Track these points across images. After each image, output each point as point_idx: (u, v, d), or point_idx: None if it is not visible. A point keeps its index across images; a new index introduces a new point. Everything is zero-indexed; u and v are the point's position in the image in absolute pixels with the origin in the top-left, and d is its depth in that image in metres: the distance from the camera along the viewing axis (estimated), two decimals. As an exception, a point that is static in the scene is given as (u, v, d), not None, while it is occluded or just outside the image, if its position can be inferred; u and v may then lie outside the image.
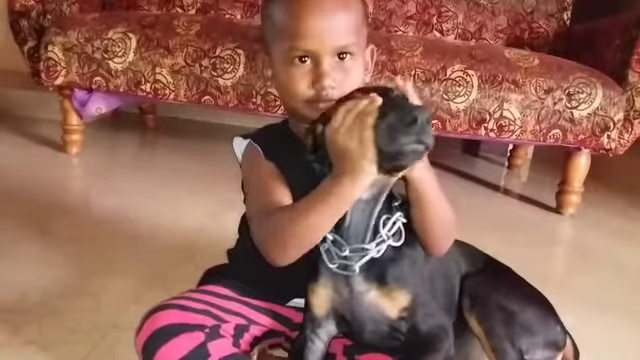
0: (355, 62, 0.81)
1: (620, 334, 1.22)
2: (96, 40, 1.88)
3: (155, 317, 0.76)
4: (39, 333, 1.00)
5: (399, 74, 1.78)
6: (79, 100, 2.03)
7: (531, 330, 0.86)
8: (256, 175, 0.84)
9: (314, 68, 0.79)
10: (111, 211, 1.58)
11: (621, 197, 2.25)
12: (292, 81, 0.80)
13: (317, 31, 0.77)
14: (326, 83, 0.78)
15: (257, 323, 0.85)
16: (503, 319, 0.84)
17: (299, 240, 0.72)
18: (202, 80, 1.85)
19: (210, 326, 0.78)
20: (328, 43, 0.77)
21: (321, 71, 0.78)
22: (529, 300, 0.89)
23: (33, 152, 2.10)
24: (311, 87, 0.79)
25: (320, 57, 0.78)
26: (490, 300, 0.85)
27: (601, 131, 1.81)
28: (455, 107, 1.80)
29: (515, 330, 0.84)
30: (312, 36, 0.77)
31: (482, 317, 0.84)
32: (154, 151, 2.38)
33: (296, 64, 0.79)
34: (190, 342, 0.75)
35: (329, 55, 0.78)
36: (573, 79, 1.79)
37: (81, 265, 1.28)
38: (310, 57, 0.78)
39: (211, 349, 0.76)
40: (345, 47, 0.78)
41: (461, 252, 0.93)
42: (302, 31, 0.77)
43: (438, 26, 2.30)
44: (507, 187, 2.35)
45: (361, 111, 0.67)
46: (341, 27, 0.78)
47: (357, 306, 0.77)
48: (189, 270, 0.98)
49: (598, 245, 1.74)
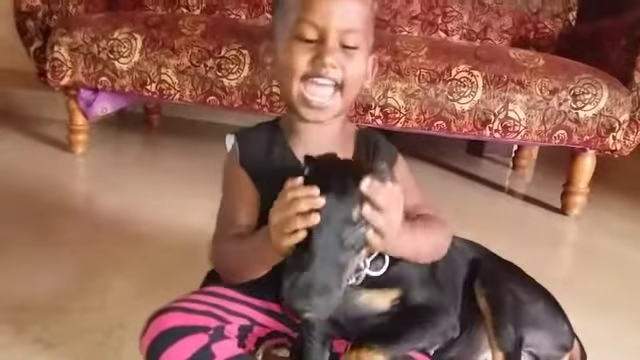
0: (359, 55, 0.81)
1: (625, 335, 1.22)
2: (102, 40, 1.89)
3: (159, 320, 0.76)
4: (45, 332, 1.01)
5: (404, 74, 1.78)
6: (85, 100, 2.04)
7: (538, 324, 0.86)
8: (227, 185, 0.87)
9: (318, 46, 0.79)
10: (116, 211, 1.59)
11: (626, 198, 2.24)
12: (293, 55, 0.79)
13: (329, 6, 0.78)
14: (328, 60, 0.78)
15: (260, 324, 0.85)
16: (512, 304, 0.84)
17: (235, 275, 0.81)
18: (207, 80, 1.85)
19: (214, 327, 0.78)
20: (337, 21, 0.78)
21: (325, 48, 0.78)
22: (540, 295, 0.89)
23: (39, 152, 2.10)
24: (311, 63, 0.79)
25: (326, 34, 0.78)
26: (503, 283, 0.85)
27: (606, 132, 1.81)
28: (460, 107, 1.79)
29: (521, 318, 0.83)
30: (322, 11, 0.77)
31: (492, 295, 0.84)
32: (159, 151, 2.39)
33: (300, 41, 0.79)
34: (194, 344, 0.75)
35: (335, 34, 0.78)
36: (578, 80, 1.79)
37: (86, 264, 1.28)
38: (317, 34, 0.78)
39: (215, 350, 0.76)
40: (352, 30, 0.79)
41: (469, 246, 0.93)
42: (314, 4, 0.77)
43: (443, 26, 2.29)
44: (512, 188, 2.34)
45: (296, 199, 0.66)
46: (352, 10, 0.79)
47: (349, 308, 0.76)
48: (194, 269, 0.98)
49: (603, 246, 1.73)
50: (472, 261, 0.90)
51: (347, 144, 0.89)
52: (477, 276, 0.87)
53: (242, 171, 0.85)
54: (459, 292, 0.87)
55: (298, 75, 0.80)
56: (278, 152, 0.86)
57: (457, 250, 0.89)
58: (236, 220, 0.83)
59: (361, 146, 0.89)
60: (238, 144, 0.87)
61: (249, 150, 0.86)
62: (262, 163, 0.84)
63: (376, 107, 1.80)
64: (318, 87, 0.80)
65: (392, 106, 1.80)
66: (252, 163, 0.85)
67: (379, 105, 1.80)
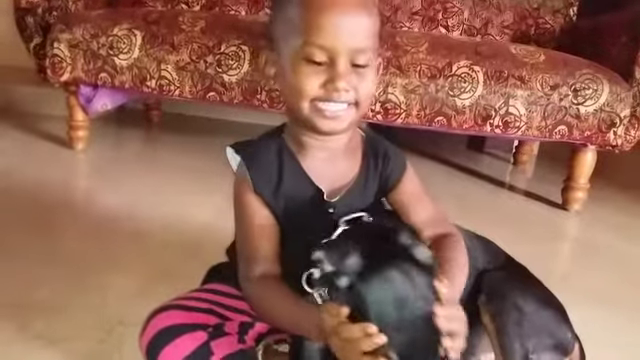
0: (370, 72, 0.78)
1: (626, 330, 1.22)
2: (101, 37, 1.89)
3: (158, 318, 0.77)
4: (46, 328, 1.01)
5: (404, 70, 1.78)
6: (85, 96, 2.04)
7: (541, 332, 0.86)
8: (243, 212, 0.82)
9: (328, 69, 0.74)
10: (116, 207, 1.59)
11: (627, 194, 2.24)
12: (302, 78, 0.75)
13: (337, 28, 0.73)
14: (340, 85, 0.74)
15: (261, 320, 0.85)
16: (516, 319, 0.84)
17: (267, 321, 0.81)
18: (207, 76, 1.85)
19: (213, 325, 0.78)
20: (346, 42, 0.74)
21: (336, 71, 0.74)
22: (544, 303, 0.89)
23: (39, 148, 2.10)
24: (322, 87, 0.75)
25: (337, 56, 0.74)
26: (506, 298, 0.85)
27: (607, 127, 1.80)
28: (461, 103, 1.79)
29: (526, 331, 0.84)
30: (331, 32, 0.73)
31: (496, 314, 0.84)
32: (159, 147, 2.38)
33: (309, 63, 0.75)
34: (193, 342, 0.75)
35: (346, 56, 0.74)
36: (579, 75, 1.78)
37: (87, 261, 1.28)
38: (326, 56, 0.74)
39: (214, 348, 0.76)
40: (362, 50, 0.75)
41: (481, 249, 0.92)
42: (321, 25, 0.73)
43: (444, 22, 2.29)
44: (512, 183, 2.34)
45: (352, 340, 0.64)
46: (361, 29, 0.75)
47: None
48: (195, 266, 0.98)
49: (604, 241, 1.73)
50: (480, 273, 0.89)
51: (355, 154, 0.86)
52: (482, 290, 0.86)
53: (258, 200, 0.81)
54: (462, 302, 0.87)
55: (308, 98, 0.76)
56: (290, 173, 0.82)
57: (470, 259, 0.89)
58: (261, 256, 0.80)
59: (369, 156, 0.86)
60: (248, 170, 0.82)
61: (261, 176, 0.82)
62: (276, 188, 0.81)
63: (376, 103, 1.80)
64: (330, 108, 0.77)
65: (392, 102, 1.80)
66: (267, 190, 0.81)
67: (379, 101, 1.80)
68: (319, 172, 0.83)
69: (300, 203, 0.80)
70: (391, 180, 0.86)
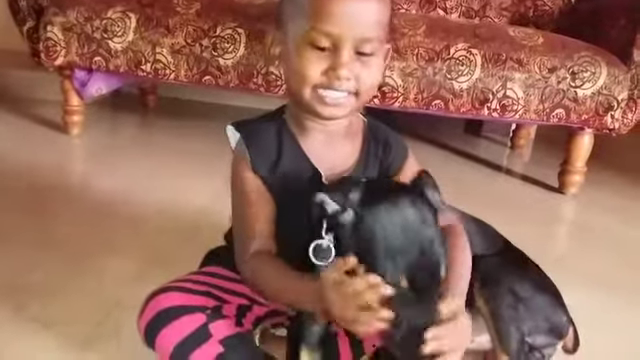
0: (375, 60, 0.77)
1: (621, 313, 1.23)
2: (95, 20, 1.86)
3: (157, 299, 0.77)
4: (42, 311, 1.01)
5: (401, 53, 1.76)
6: (79, 80, 2.02)
7: (537, 316, 0.86)
8: (240, 189, 0.82)
9: (332, 55, 0.74)
10: (113, 191, 1.58)
11: (624, 177, 2.25)
12: (306, 63, 0.75)
13: (344, 15, 0.73)
14: (342, 73, 0.74)
15: (259, 303, 0.85)
16: (511, 303, 0.84)
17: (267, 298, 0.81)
18: (202, 60, 1.83)
19: (212, 307, 0.78)
20: (353, 30, 0.73)
21: (339, 59, 0.74)
22: (539, 288, 0.89)
23: (33, 133, 2.09)
24: (324, 74, 0.75)
25: (341, 43, 0.74)
26: (501, 283, 0.85)
27: (605, 111, 1.80)
28: (458, 86, 1.78)
29: (521, 314, 0.84)
30: (338, 19, 0.73)
31: (490, 298, 0.84)
32: (155, 131, 2.37)
33: (313, 48, 0.74)
34: (192, 323, 0.75)
35: (350, 44, 0.74)
36: (577, 57, 1.77)
37: (83, 244, 1.28)
38: (330, 43, 0.74)
39: (213, 329, 0.76)
40: (368, 40, 0.75)
41: (479, 233, 0.92)
42: (328, 12, 0.73)
43: (441, 4, 2.26)
44: (510, 167, 2.34)
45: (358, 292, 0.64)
46: (369, 17, 0.75)
47: None
48: (192, 250, 0.98)
49: (600, 225, 1.74)
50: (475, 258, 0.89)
51: (356, 139, 0.86)
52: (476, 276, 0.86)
53: (256, 179, 0.81)
54: None
55: (310, 84, 0.76)
56: (289, 153, 0.82)
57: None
58: (257, 233, 0.80)
59: (370, 143, 0.86)
60: (247, 148, 0.82)
61: (260, 154, 0.82)
62: (274, 167, 0.81)
63: (373, 86, 1.78)
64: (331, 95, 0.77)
65: (390, 85, 1.79)
66: (264, 169, 0.81)
67: (377, 84, 1.78)
68: (319, 154, 0.82)
69: (298, 184, 0.80)
70: (392, 168, 0.86)
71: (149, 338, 0.76)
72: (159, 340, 0.74)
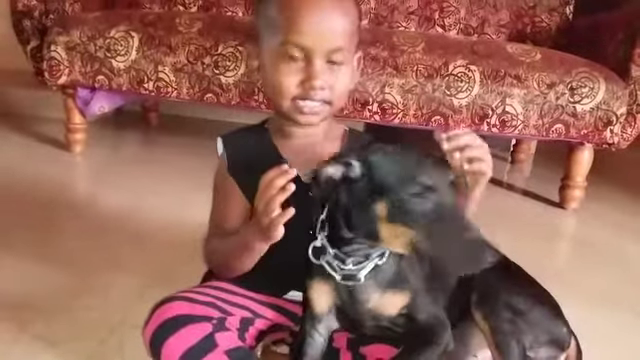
0: (345, 68, 0.83)
1: (623, 328, 1.22)
2: (99, 39, 1.89)
3: (163, 309, 0.77)
4: (47, 329, 1.01)
5: (401, 70, 1.78)
6: (82, 99, 2.04)
7: (536, 329, 0.86)
8: (216, 192, 0.91)
9: (305, 67, 0.80)
10: (116, 209, 1.59)
11: (624, 192, 2.25)
12: (281, 77, 0.81)
13: (314, 28, 0.78)
14: (317, 83, 0.80)
15: (262, 316, 0.86)
16: (510, 317, 0.84)
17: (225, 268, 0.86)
18: (204, 78, 1.85)
19: (217, 318, 0.79)
20: (323, 42, 0.79)
21: (312, 70, 0.80)
22: (537, 300, 0.89)
23: (37, 151, 2.10)
24: (300, 85, 0.81)
25: (313, 55, 0.79)
26: (499, 298, 0.85)
27: (604, 125, 1.81)
28: (457, 103, 1.80)
29: (520, 328, 0.84)
30: (308, 33, 0.78)
31: (489, 313, 0.84)
32: (157, 149, 2.39)
33: (287, 61, 0.80)
34: (198, 332, 0.75)
35: (321, 55, 0.80)
36: (576, 73, 1.79)
37: (87, 263, 1.29)
38: (303, 54, 0.79)
39: (218, 340, 0.76)
40: (338, 49, 0.80)
41: None
42: (299, 26, 0.78)
43: (440, 21, 2.29)
44: (510, 182, 2.35)
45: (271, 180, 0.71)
46: (337, 29, 0.80)
47: (358, 308, 0.77)
48: (195, 266, 0.98)
49: (601, 240, 1.74)
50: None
51: (335, 143, 0.91)
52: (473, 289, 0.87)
53: (230, 179, 0.88)
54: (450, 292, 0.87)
55: (288, 97, 0.82)
56: (264, 155, 0.87)
57: None
58: (225, 224, 0.88)
59: (348, 147, 0.89)
60: (226, 151, 0.90)
61: (237, 156, 0.89)
62: (250, 168, 0.83)
63: (374, 103, 1.80)
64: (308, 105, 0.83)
65: (390, 102, 1.80)
66: (240, 170, 0.88)
67: (377, 101, 1.80)
68: (297, 157, 0.86)
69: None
70: None
71: (154, 347, 0.76)
72: (165, 349, 0.75)
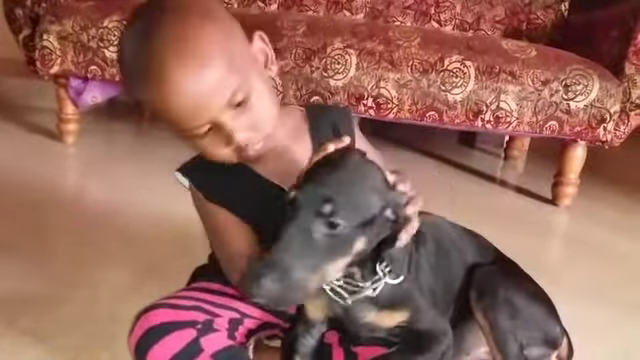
0: (254, 96, 0.75)
1: (615, 324, 1.23)
2: (91, 29, 1.87)
3: (146, 317, 0.76)
4: (36, 324, 1.00)
5: (396, 64, 1.78)
6: (75, 89, 2.02)
7: (532, 326, 0.87)
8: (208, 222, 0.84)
9: (218, 133, 0.74)
10: (107, 201, 1.58)
11: (617, 189, 2.26)
12: (207, 150, 0.77)
13: (194, 109, 0.71)
14: (239, 139, 0.75)
15: (250, 316, 0.85)
16: (508, 313, 0.84)
17: None
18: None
19: (202, 321, 0.77)
20: (214, 109, 0.71)
21: (227, 133, 0.74)
22: (533, 297, 0.90)
23: (28, 141, 2.09)
24: (227, 147, 0.76)
25: (216, 122, 0.73)
26: (497, 294, 0.86)
27: (597, 123, 1.81)
28: (452, 98, 1.79)
29: (518, 324, 0.84)
30: (194, 114, 0.71)
31: (488, 310, 0.84)
32: (150, 140, 2.37)
33: (198, 136, 0.75)
34: (182, 339, 0.74)
35: (223, 114, 0.72)
36: (570, 70, 1.79)
37: (76, 256, 1.28)
38: (207, 125, 0.73)
39: (204, 344, 0.75)
40: (234, 94, 0.72)
41: (471, 244, 0.93)
42: (181, 118, 0.72)
43: (436, 16, 2.29)
44: (503, 178, 2.35)
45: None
46: (218, 87, 0.71)
47: (353, 320, 0.76)
48: (186, 261, 0.98)
49: (593, 236, 1.74)
50: (470, 267, 0.89)
51: (304, 136, 0.86)
52: (472, 286, 0.87)
53: (213, 206, 0.82)
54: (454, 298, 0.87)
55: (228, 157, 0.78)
56: (235, 170, 0.81)
57: (456, 249, 0.89)
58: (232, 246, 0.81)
59: (317, 130, 0.86)
60: (195, 184, 0.84)
61: (209, 184, 0.83)
62: (227, 189, 0.81)
63: (368, 97, 1.80)
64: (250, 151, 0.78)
65: (384, 97, 1.80)
66: (218, 194, 0.82)
67: (371, 96, 1.80)
68: (273, 170, 0.82)
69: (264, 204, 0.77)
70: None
71: (139, 356, 0.75)
72: (149, 358, 0.74)
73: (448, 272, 0.86)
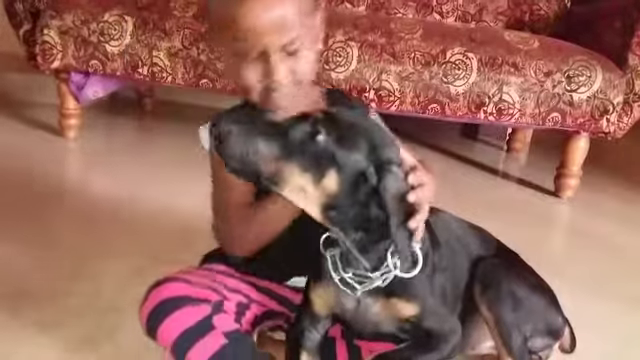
0: (305, 51, 0.80)
1: (616, 316, 1.23)
2: (92, 23, 1.86)
3: (160, 289, 0.77)
4: (39, 315, 1.01)
5: (398, 57, 1.77)
6: (76, 84, 2.02)
7: (535, 317, 0.87)
8: (215, 168, 0.87)
9: (263, 63, 0.78)
10: (109, 195, 1.58)
11: (619, 181, 2.25)
12: (242, 76, 0.80)
13: (259, 31, 0.76)
14: (277, 78, 0.78)
15: (257, 302, 0.85)
16: (512, 305, 0.85)
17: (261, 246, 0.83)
18: (200, 63, 1.84)
19: (215, 301, 0.78)
20: (272, 40, 0.77)
21: (270, 67, 0.78)
22: (535, 289, 0.90)
23: (30, 136, 2.09)
24: (262, 81, 0.79)
25: (267, 54, 0.77)
26: (501, 286, 0.86)
27: (600, 114, 1.81)
28: (454, 90, 1.79)
29: (521, 316, 0.85)
30: (255, 37, 0.76)
31: (493, 303, 0.85)
32: (152, 135, 2.37)
33: (242, 59, 0.78)
34: (196, 314, 0.75)
35: (275, 51, 0.77)
36: (573, 62, 1.78)
37: (79, 249, 1.28)
38: (256, 52, 0.77)
39: (216, 322, 0.76)
40: (291, 42, 0.78)
41: (474, 237, 0.93)
42: (245, 32, 0.76)
43: (438, 8, 2.27)
44: (506, 170, 2.35)
45: None
46: (284, 23, 0.77)
47: (361, 314, 0.76)
48: (189, 254, 0.98)
49: (596, 228, 1.74)
50: (475, 260, 0.90)
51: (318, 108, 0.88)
52: (476, 279, 0.87)
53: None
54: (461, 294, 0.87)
55: (255, 92, 0.80)
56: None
57: (462, 246, 0.89)
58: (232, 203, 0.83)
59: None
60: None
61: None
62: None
63: (370, 90, 1.79)
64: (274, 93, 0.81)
65: (386, 89, 1.79)
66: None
67: (373, 88, 1.79)
68: None
69: None
70: None
71: (151, 327, 0.75)
72: (162, 329, 0.74)
73: (456, 271, 0.86)
